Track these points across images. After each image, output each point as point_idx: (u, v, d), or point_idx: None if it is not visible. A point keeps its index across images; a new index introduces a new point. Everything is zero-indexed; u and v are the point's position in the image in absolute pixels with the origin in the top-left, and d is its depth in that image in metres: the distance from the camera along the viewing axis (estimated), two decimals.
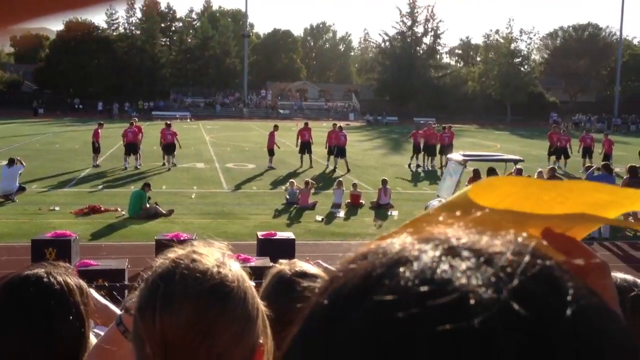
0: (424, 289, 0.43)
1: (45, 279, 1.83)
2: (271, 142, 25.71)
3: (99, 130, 25.31)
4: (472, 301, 0.42)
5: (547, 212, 0.62)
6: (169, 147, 25.00)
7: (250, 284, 1.42)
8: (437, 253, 0.47)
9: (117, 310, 2.11)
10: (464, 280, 0.43)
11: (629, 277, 1.56)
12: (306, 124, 28.36)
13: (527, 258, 0.46)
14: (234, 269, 1.39)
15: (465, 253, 0.46)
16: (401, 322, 0.42)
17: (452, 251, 0.47)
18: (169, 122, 26.70)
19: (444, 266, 0.45)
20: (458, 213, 0.59)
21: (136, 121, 26.91)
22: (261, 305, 1.43)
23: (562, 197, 0.63)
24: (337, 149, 25.89)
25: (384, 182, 18.36)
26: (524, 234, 0.50)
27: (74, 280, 1.87)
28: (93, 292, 2.02)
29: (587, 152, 27.76)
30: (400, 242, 0.50)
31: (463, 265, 0.45)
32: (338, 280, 0.49)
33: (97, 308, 1.97)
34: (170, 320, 1.30)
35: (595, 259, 0.57)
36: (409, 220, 0.69)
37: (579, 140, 29.22)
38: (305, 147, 26.39)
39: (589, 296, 0.46)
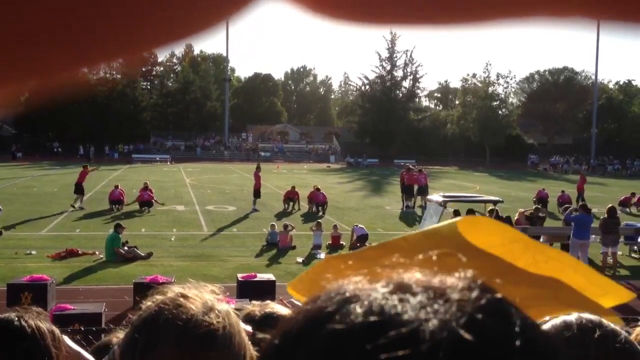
0: (373, 320, 0.43)
1: (17, 323, 1.80)
2: (258, 182, 25.69)
3: (87, 172, 25.34)
4: (420, 331, 0.42)
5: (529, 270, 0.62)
6: (145, 203, 24.66)
7: (241, 328, 1.39)
8: (388, 290, 0.47)
9: (90, 357, 2.07)
10: (413, 313, 0.43)
11: (594, 318, 1.55)
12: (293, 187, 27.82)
13: (476, 292, 0.46)
14: (223, 314, 1.35)
15: (416, 289, 0.47)
16: (350, 354, 0.42)
17: (403, 288, 0.47)
18: (146, 183, 26.26)
19: (394, 301, 0.45)
20: (441, 245, 0.60)
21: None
22: (251, 350, 1.39)
23: (542, 262, 0.63)
24: (316, 206, 25.82)
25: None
26: (473, 271, 0.50)
27: (45, 325, 1.84)
28: (66, 339, 1.99)
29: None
30: (352, 282, 0.50)
31: (413, 300, 0.45)
32: (290, 321, 0.49)
33: (69, 354, 1.93)
34: None
35: None
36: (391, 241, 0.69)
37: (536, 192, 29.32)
38: (292, 200, 26.57)
39: (535, 328, 0.46)
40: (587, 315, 1.56)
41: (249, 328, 1.45)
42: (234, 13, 0.35)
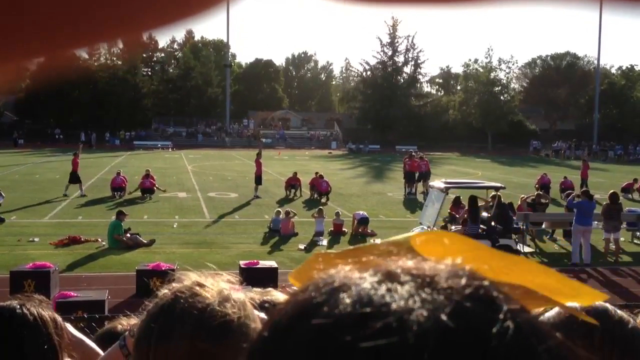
0: (361, 311, 0.43)
1: (19, 311, 1.80)
2: (259, 169, 25.70)
3: (77, 160, 25.12)
4: (407, 320, 0.42)
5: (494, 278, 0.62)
6: (147, 190, 24.64)
7: (257, 318, 1.37)
8: (376, 279, 0.47)
9: (93, 345, 2.07)
10: (401, 303, 0.43)
11: (600, 306, 1.51)
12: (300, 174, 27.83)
13: (464, 279, 0.46)
14: (238, 305, 1.34)
15: (404, 277, 0.47)
16: (337, 345, 0.42)
17: (391, 276, 0.47)
18: (148, 170, 26.18)
19: (382, 290, 0.45)
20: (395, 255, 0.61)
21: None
22: None
23: (507, 269, 0.64)
24: (319, 194, 25.79)
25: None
26: (461, 259, 0.51)
27: (48, 313, 1.84)
28: (69, 326, 1.99)
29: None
30: (340, 271, 0.50)
31: (401, 289, 0.45)
32: (279, 312, 0.49)
33: (71, 342, 1.93)
34: (165, 356, 1.27)
35: None
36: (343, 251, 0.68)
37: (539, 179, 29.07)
38: (293, 187, 26.60)
39: (522, 313, 0.46)
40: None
41: (263, 315, 1.43)
42: None
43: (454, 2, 0.35)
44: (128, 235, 15.84)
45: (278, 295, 1.97)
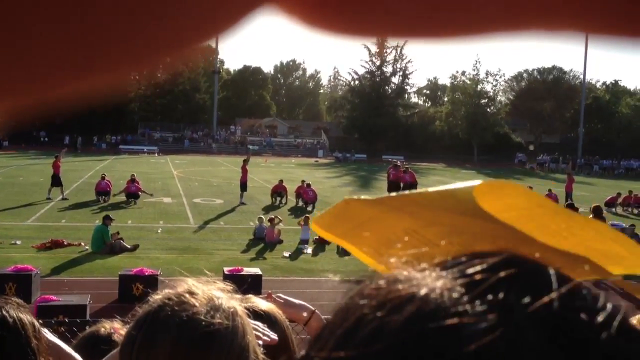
0: None
1: None
2: (245, 175, 25.64)
3: (59, 163, 24.85)
4: None
5: (549, 242, 0.56)
6: (132, 195, 24.51)
7: (248, 329, 1.34)
8: (459, 291, 0.37)
9: (69, 350, 2.04)
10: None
11: None
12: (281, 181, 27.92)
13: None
14: (227, 314, 1.30)
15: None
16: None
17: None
18: (133, 175, 25.97)
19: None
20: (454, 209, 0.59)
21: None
22: (258, 352, 1.35)
23: (569, 232, 0.58)
24: (304, 202, 25.76)
25: None
26: (521, 216, 0.43)
27: (26, 316, 1.82)
28: (45, 331, 1.96)
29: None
30: (438, 286, 0.38)
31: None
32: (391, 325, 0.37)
33: (48, 346, 1.90)
34: None
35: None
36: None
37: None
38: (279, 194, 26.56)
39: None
40: None
41: (259, 324, 1.41)
42: (228, 28, 0.34)
43: (439, 37, 0.34)
44: (112, 241, 15.69)
45: (258, 302, 1.95)
